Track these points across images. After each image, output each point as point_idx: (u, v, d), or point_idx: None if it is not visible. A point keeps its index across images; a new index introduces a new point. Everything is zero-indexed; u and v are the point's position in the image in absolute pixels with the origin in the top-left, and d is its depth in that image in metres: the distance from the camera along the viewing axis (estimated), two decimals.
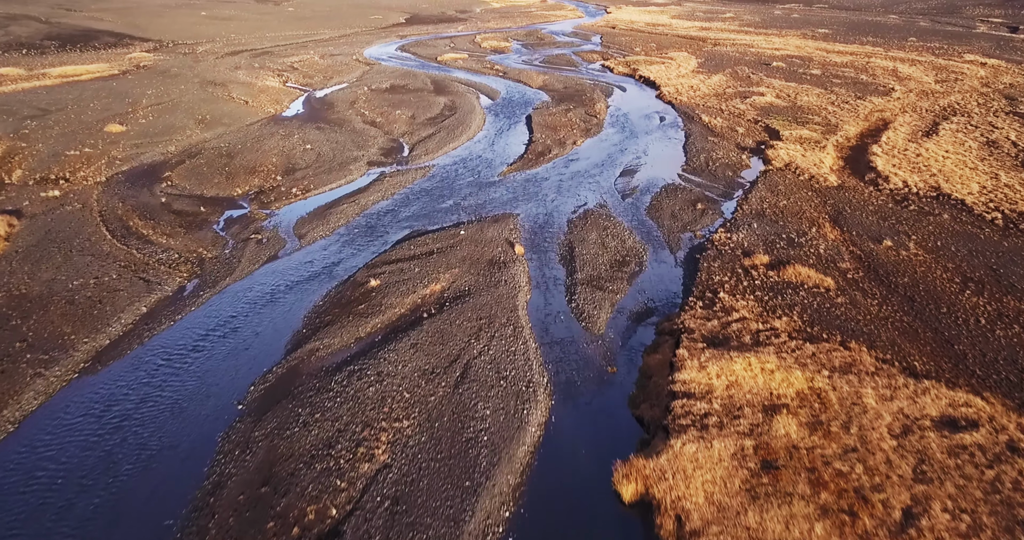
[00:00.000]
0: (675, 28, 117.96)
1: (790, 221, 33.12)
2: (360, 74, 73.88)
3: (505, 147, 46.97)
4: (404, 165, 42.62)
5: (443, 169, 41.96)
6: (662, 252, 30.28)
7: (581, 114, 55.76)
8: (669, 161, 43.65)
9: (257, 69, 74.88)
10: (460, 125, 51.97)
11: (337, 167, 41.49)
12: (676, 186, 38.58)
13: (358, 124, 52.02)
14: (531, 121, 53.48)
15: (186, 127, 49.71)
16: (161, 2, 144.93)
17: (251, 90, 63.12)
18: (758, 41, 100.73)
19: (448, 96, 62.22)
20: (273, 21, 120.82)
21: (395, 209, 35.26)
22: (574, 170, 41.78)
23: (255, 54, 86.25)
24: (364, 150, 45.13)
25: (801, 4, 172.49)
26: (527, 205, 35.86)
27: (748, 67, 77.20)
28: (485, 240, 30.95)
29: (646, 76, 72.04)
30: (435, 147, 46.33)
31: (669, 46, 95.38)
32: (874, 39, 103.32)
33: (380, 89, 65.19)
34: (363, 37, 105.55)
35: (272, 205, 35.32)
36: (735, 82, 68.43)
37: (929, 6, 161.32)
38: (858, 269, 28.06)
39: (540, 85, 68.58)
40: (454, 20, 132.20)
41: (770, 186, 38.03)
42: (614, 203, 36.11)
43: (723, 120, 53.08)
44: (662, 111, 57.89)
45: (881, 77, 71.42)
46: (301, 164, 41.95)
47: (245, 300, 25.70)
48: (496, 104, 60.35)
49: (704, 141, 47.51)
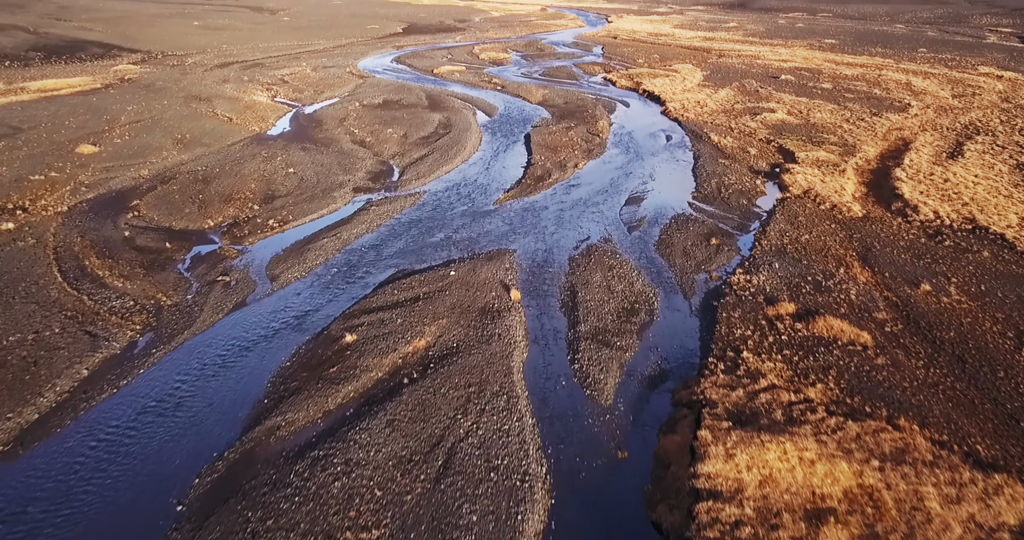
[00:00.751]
0: (678, 38, 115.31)
1: (815, 259, 29.98)
2: (353, 88, 71.01)
3: (502, 170, 43.93)
4: (393, 191, 39.56)
5: (435, 196, 38.90)
6: (675, 298, 27.13)
7: (583, 133, 52.77)
8: (678, 187, 40.59)
9: (246, 82, 72.02)
10: (455, 145, 48.96)
11: (320, 194, 38.43)
12: (687, 217, 35.48)
13: (346, 144, 49.01)
14: (530, 141, 50.48)
15: (163, 148, 46.72)
16: (155, 11, 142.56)
17: (237, 106, 60.19)
18: (764, 52, 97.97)
19: (443, 112, 59.27)
20: (267, 31, 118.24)
21: (380, 244, 32.15)
22: (576, 197, 38.72)
23: (245, 66, 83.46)
24: (350, 174, 42.08)
25: (805, 13, 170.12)
26: (525, 239, 32.75)
27: (756, 80, 74.32)
28: (478, 283, 27.82)
29: (650, 90, 69.13)
30: (427, 170, 43.29)
31: (673, 57, 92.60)
32: (883, 50, 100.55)
33: (372, 104, 62.26)
34: (358, 48, 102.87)
35: (246, 240, 32.21)
36: (744, 97, 65.49)
37: (935, 15, 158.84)
38: (896, 320, 24.90)
39: (540, 100, 65.66)
40: (452, 30, 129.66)
41: (789, 217, 34.92)
42: (620, 237, 33.00)
43: (733, 140, 50.04)
44: (668, 129, 54.89)
45: (895, 91, 68.49)
46: (282, 190, 38.89)
47: (203, 360, 22.55)
48: (493, 121, 57.39)
49: (714, 164, 44.46)
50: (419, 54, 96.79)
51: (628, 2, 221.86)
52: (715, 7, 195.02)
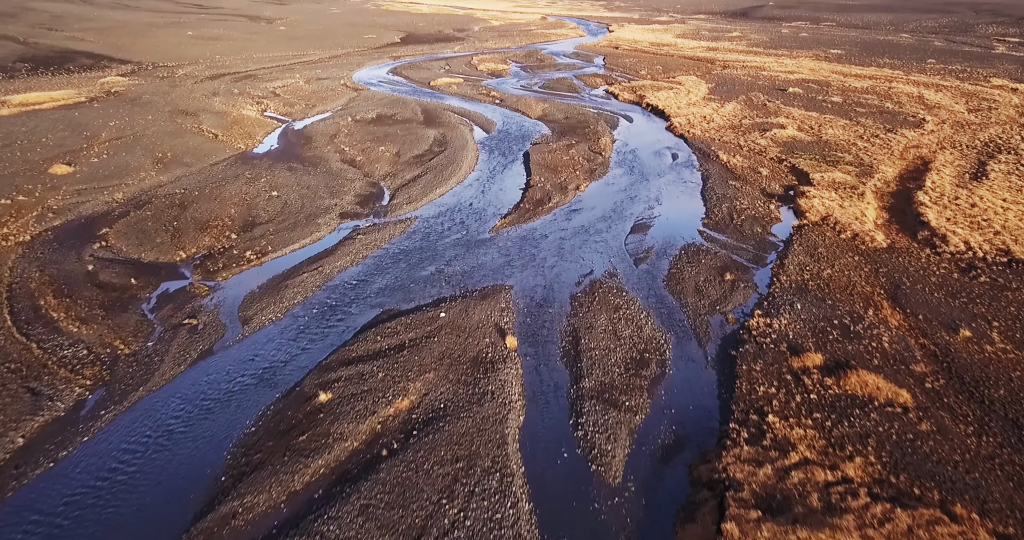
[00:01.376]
0: (681, 48, 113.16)
1: (840, 298, 27.35)
2: (346, 101, 68.63)
3: (499, 193, 41.39)
4: (382, 217, 37.00)
5: (427, 222, 36.34)
6: (688, 345, 24.48)
7: (584, 151, 50.26)
8: (687, 212, 38.02)
9: (236, 96, 69.67)
10: (450, 165, 46.45)
11: (304, 221, 35.86)
12: (698, 247, 32.86)
13: (335, 163, 46.49)
14: (529, 160, 47.97)
15: (141, 168, 44.23)
16: (149, 20, 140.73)
17: (224, 121, 57.77)
18: (769, 63, 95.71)
19: (439, 128, 56.81)
20: (262, 41, 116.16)
21: (365, 279, 29.54)
22: (578, 224, 36.14)
23: (237, 78, 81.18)
24: (338, 198, 39.54)
25: (808, 22, 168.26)
26: (522, 273, 30.14)
27: (763, 93, 71.92)
28: (470, 326, 25.20)
29: (654, 104, 66.70)
30: (419, 193, 40.75)
31: (676, 69, 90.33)
32: (891, 61, 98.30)
33: (365, 120, 59.83)
34: (354, 58, 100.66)
35: (219, 274, 29.61)
36: (751, 111, 63.04)
37: (941, 25, 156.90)
38: (937, 374, 22.24)
39: (539, 115, 63.22)
40: (451, 39, 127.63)
41: (808, 248, 32.31)
42: (626, 271, 30.38)
43: (743, 159, 47.52)
44: (674, 146, 52.39)
45: (908, 105, 66.05)
46: (263, 217, 36.33)
47: (156, 424, 19.90)
48: (491, 138, 54.91)
49: (724, 186, 41.90)
50: (416, 65, 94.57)
51: (629, 11, 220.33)
52: (717, 16, 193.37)
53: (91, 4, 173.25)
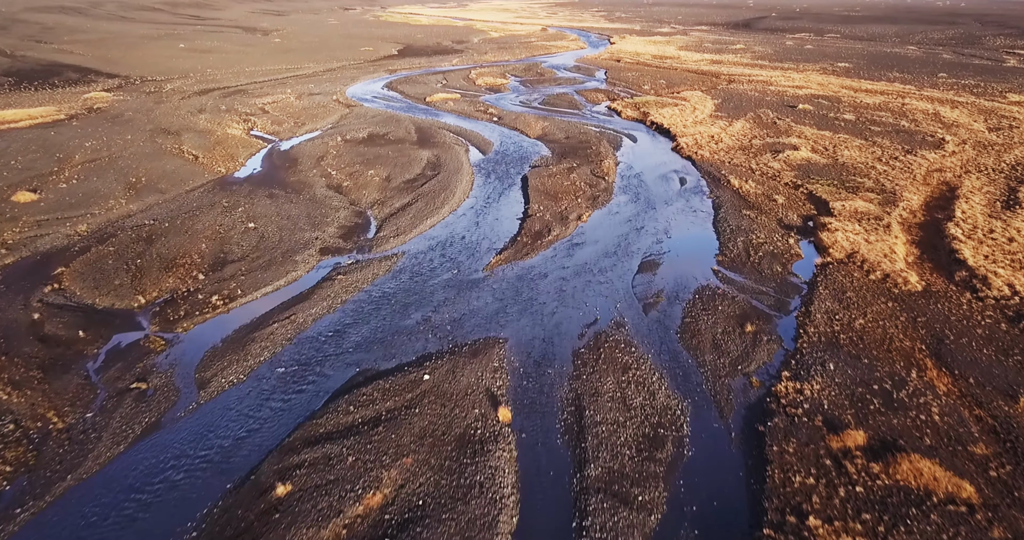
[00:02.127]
0: (684, 61, 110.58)
1: (877, 356, 24.17)
2: (337, 119, 65.80)
3: (494, 224, 38.33)
4: (366, 253, 33.92)
5: (415, 259, 33.24)
6: (708, 417, 21.27)
7: (586, 175, 47.25)
8: (699, 248, 34.92)
9: (223, 112, 66.88)
10: (443, 191, 43.42)
11: (280, 258, 32.75)
12: (713, 290, 29.71)
13: (320, 189, 43.47)
14: (527, 185, 44.94)
15: (112, 195, 41.26)
16: (143, 32, 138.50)
17: (207, 141, 54.87)
18: (776, 77, 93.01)
19: (433, 149, 53.86)
20: (256, 53, 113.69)
21: (342, 329, 26.40)
22: (580, 261, 33.03)
23: (226, 93, 78.48)
24: (319, 230, 36.47)
25: (812, 34, 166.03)
26: (519, 322, 27.00)
27: (772, 110, 69.05)
28: (457, 393, 22.02)
29: (659, 123, 63.80)
30: (409, 224, 37.69)
31: (680, 83, 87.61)
32: (901, 75, 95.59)
33: (355, 140, 56.91)
34: (349, 72, 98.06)
35: (180, 324, 26.48)
36: (761, 130, 60.10)
37: (947, 36, 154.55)
38: (1000, 457, 19.02)
39: (539, 134, 60.31)
40: (449, 52, 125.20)
41: (836, 292, 29.15)
42: (634, 320, 27.22)
43: (756, 184, 44.47)
44: (681, 170, 49.38)
45: (924, 123, 63.12)
46: (236, 253, 33.24)
47: (79, 528, 16.67)
48: (488, 160, 51.95)
49: (738, 216, 38.82)
50: (412, 79, 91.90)
51: (630, 22, 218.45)
52: (719, 27, 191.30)
53: (86, 15, 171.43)
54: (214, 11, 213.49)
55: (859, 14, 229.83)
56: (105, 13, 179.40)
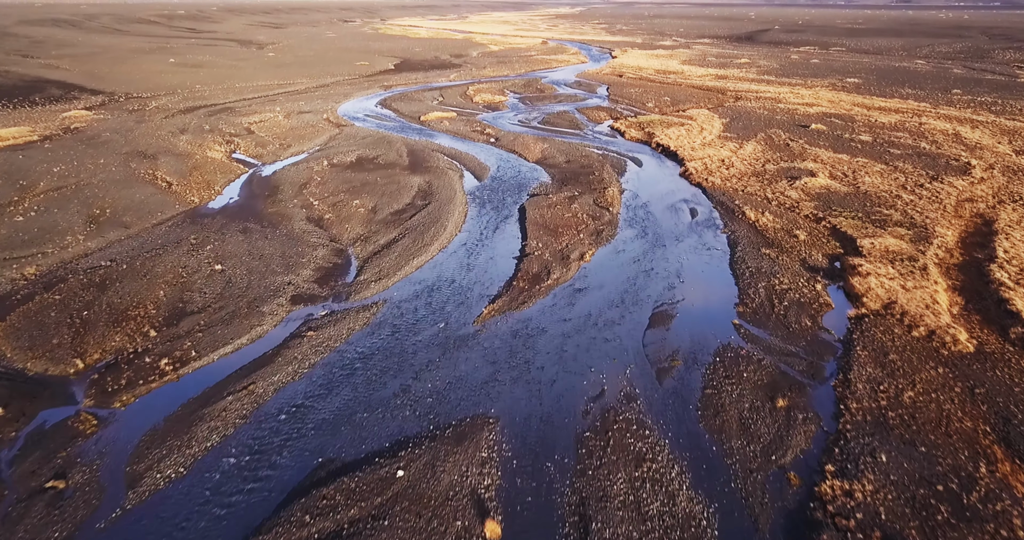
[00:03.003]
0: (688, 76, 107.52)
1: (935, 442, 20.41)
2: (326, 140, 62.43)
3: (488, 264, 34.70)
4: (343, 301, 30.26)
5: (397, 309, 29.58)
6: (741, 529, 17.47)
7: (589, 204, 43.68)
8: (716, 295, 31.24)
9: (205, 133, 63.56)
10: (433, 224, 39.86)
11: (245, 309, 29.09)
12: (736, 351, 25.99)
13: (299, 223, 39.92)
14: (525, 217, 41.38)
15: (70, 230, 37.73)
16: (134, 46, 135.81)
17: (184, 166, 51.44)
18: (784, 93, 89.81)
19: (425, 175, 50.38)
20: (248, 68, 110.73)
21: (307, 404, 22.68)
22: (583, 312, 29.35)
23: (212, 111, 75.26)
24: (294, 273, 32.84)
25: (817, 48, 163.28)
26: (512, 394, 23.29)
27: (783, 130, 65.64)
28: (437, 496, 18.26)
29: (664, 145, 60.37)
30: (393, 265, 34.08)
31: (685, 100, 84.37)
32: (914, 91, 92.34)
33: (343, 164, 53.46)
34: (342, 88, 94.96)
35: (119, 396, 22.79)
36: (774, 153, 56.62)
37: (955, 50, 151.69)
38: None
39: (538, 157, 56.85)
40: (447, 66, 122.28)
41: (876, 354, 25.43)
42: (647, 391, 23.49)
43: (774, 217, 40.87)
44: (691, 199, 45.82)
45: (946, 146, 59.63)
46: (196, 302, 29.59)
47: None
48: (483, 187, 48.44)
49: (757, 256, 35.18)
50: (408, 96, 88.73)
51: (631, 34, 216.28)
52: (722, 40, 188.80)
53: (80, 28, 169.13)
54: (211, 24, 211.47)
55: (863, 27, 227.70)
56: (99, 26, 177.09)
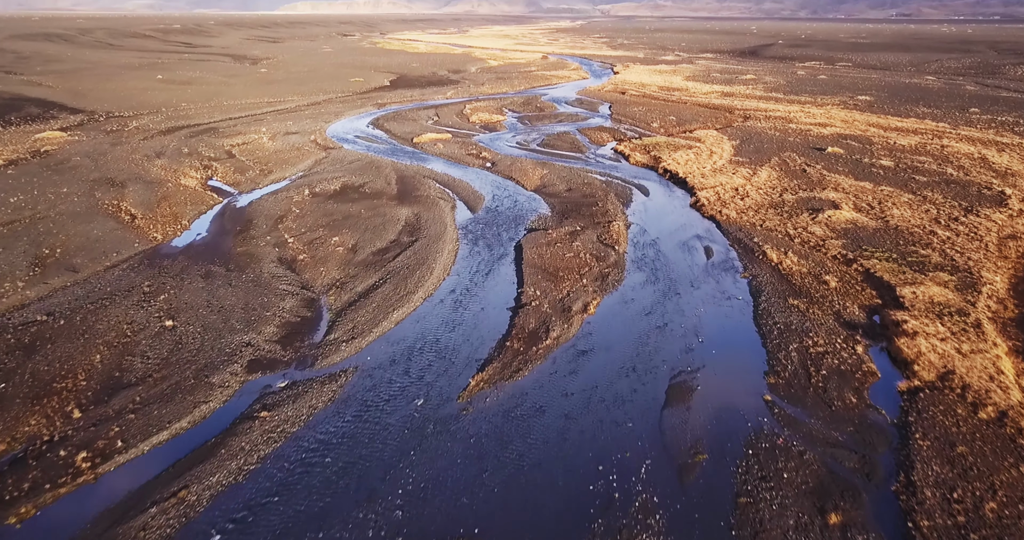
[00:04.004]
0: (693, 93, 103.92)
1: None
2: (311, 165, 58.51)
3: (478, 318, 30.48)
4: (307, 368, 26.01)
5: (370, 379, 25.32)
6: None
7: (592, 242, 39.55)
8: (741, 359, 26.98)
9: (183, 157, 59.67)
10: (418, 267, 35.71)
11: (192, 380, 24.81)
12: (770, 439, 21.68)
13: (269, 265, 35.77)
14: (522, 257, 37.23)
15: (11, 274, 33.62)
16: (124, 62, 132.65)
17: (153, 196, 47.42)
18: (794, 112, 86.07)
19: (414, 206, 46.33)
20: (238, 85, 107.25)
21: (249, 519, 18.37)
22: (588, 383, 25.08)
23: (195, 132, 71.46)
24: (255, 331, 28.61)
25: (823, 63, 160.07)
26: (502, 506, 18.96)
27: (798, 154, 61.69)
28: None
29: (672, 170, 56.38)
30: (369, 320, 29.85)
31: (692, 119, 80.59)
32: (929, 110, 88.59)
33: (325, 193, 49.43)
34: (334, 106, 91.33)
35: (19, 507, 18.55)
36: (791, 181, 52.57)
37: (964, 66, 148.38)
38: None
39: (537, 184, 52.84)
40: (445, 83, 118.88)
41: (941, 447, 21.10)
42: (667, 500, 19.14)
43: (798, 259, 36.67)
44: (705, 235, 41.68)
45: (975, 172, 55.61)
46: (136, 370, 25.33)
47: None
48: (477, 220, 44.36)
49: (784, 307, 30.95)
50: (402, 115, 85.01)
51: (633, 49, 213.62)
52: (725, 55, 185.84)
53: (72, 43, 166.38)
54: (207, 38, 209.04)
55: (867, 41, 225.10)
56: (92, 41, 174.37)
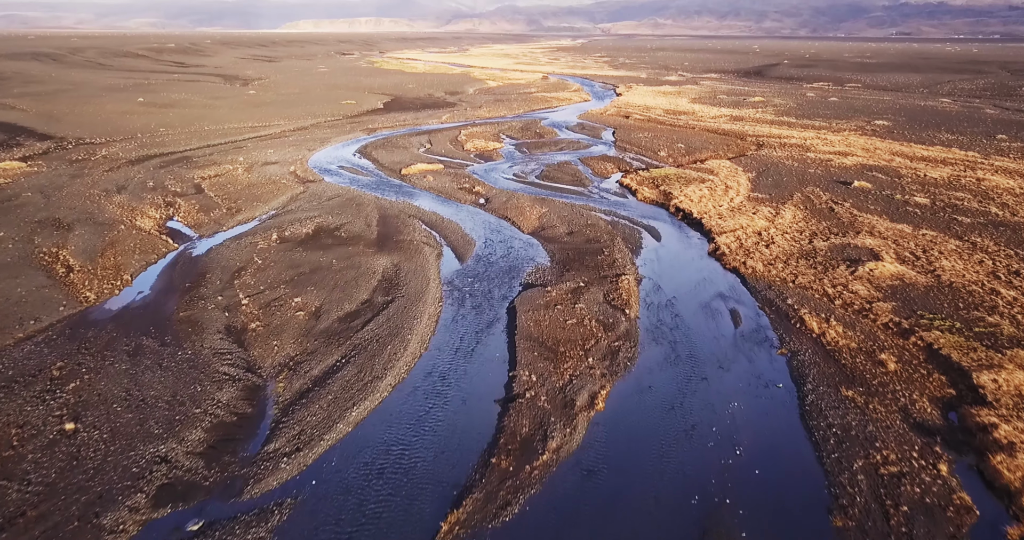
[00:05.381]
0: (701, 117, 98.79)
1: None
2: (285, 201, 52.96)
3: (458, 418, 24.52)
4: (232, 499, 20.00)
5: (311, 519, 19.32)
6: None
7: (598, 302, 33.73)
8: (792, 485, 20.96)
9: (147, 192, 54.19)
10: (391, 339, 29.85)
11: (75, 523, 18.85)
12: None
13: (213, 338, 29.90)
14: (515, 323, 31.41)
15: None
16: (109, 83, 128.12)
17: (99, 242, 41.75)
18: (811, 139, 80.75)
19: (394, 255, 40.63)
20: (223, 108, 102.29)
21: None
22: (596, 523, 19.01)
23: (167, 161, 66.11)
24: (175, 437, 22.65)
25: (831, 83, 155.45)
26: None
27: (822, 189, 56.15)
28: None
29: (685, 209, 50.75)
30: (322, 421, 23.90)
31: (701, 147, 75.23)
32: (953, 136, 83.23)
33: (295, 238, 43.73)
34: (322, 131, 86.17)
35: None
36: (819, 222, 46.86)
37: (978, 87, 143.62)
38: None
39: (535, 226, 47.16)
40: (441, 105, 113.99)
41: None
42: None
43: (844, 328, 30.78)
44: (729, 293, 35.86)
45: (1022, 211, 49.81)
46: (11, 499, 19.32)
47: None
48: (464, 273, 38.60)
49: (837, 401, 24.99)
50: (392, 142, 79.71)
51: (635, 68, 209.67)
52: (730, 75, 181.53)
53: (60, 62, 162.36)
54: (201, 57, 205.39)
55: (873, 61, 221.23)
56: (82, 60, 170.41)
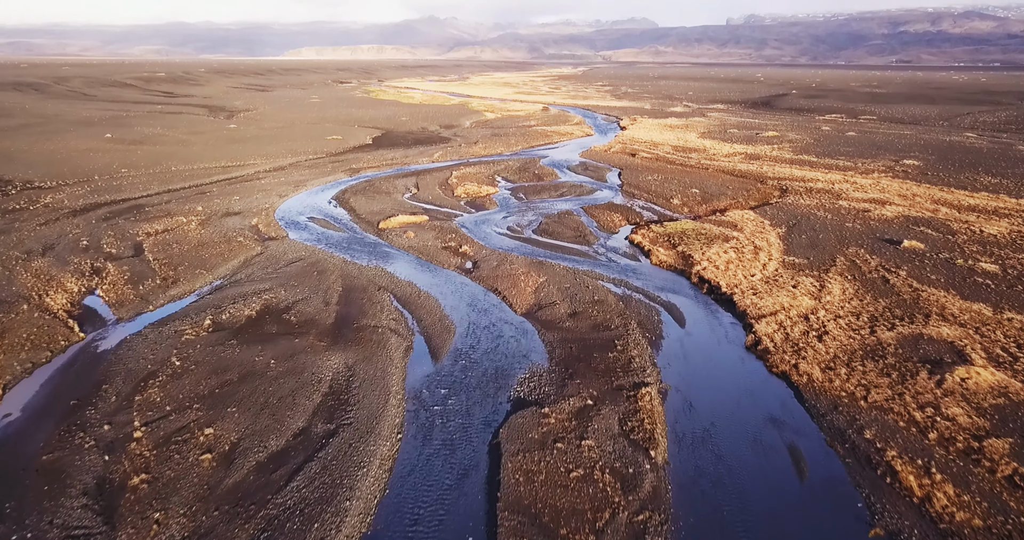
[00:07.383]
0: (713, 156, 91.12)
1: None
2: (235, 268, 44.66)
3: None
4: None
5: None
6: None
7: (612, 435, 25.08)
8: None
9: (79, 252, 46.04)
10: (322, 509, 21.25)
11: None
12: None
13: (72, 505, 21.28)
14: (499, 479, 22.73)
15: None
16: (83, 116, 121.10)
17: None
18: (839, 183, 72.84)
19: (350, 351, 32.11)
20: (197, 145, 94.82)
21: None
22: None
23: (115, 211, 58.13)
24: None
25: (845, 116, 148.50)
26: None
27: (866, 250, 47.82)
28: None
29: (711, 280, 42.24)
30: None
31: (719, 193, 67.22)
32: (994, 179, 75.23)
33: (232, 325, 35.24)
34: (299, 173, 78.39)
35: None
36: (875, 299, 38.36)
37: (1000, 120, 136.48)
38: None
39: (530, 304, 38.70)
40: (434, 141, 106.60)
41: None
42: None
43: (955, 489, 22.07)
44: (781, 416, 27.19)
45: None
46: None
47: None
48: (438, 378, 29.99)
49: None
50: (374, 186, 71.80)
51: (638, 99, 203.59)
52: (738, 106, 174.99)
53: (41, 92, 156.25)
54: (191, 87, 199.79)
55: (883, 91, 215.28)
56: (65, 90, 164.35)
